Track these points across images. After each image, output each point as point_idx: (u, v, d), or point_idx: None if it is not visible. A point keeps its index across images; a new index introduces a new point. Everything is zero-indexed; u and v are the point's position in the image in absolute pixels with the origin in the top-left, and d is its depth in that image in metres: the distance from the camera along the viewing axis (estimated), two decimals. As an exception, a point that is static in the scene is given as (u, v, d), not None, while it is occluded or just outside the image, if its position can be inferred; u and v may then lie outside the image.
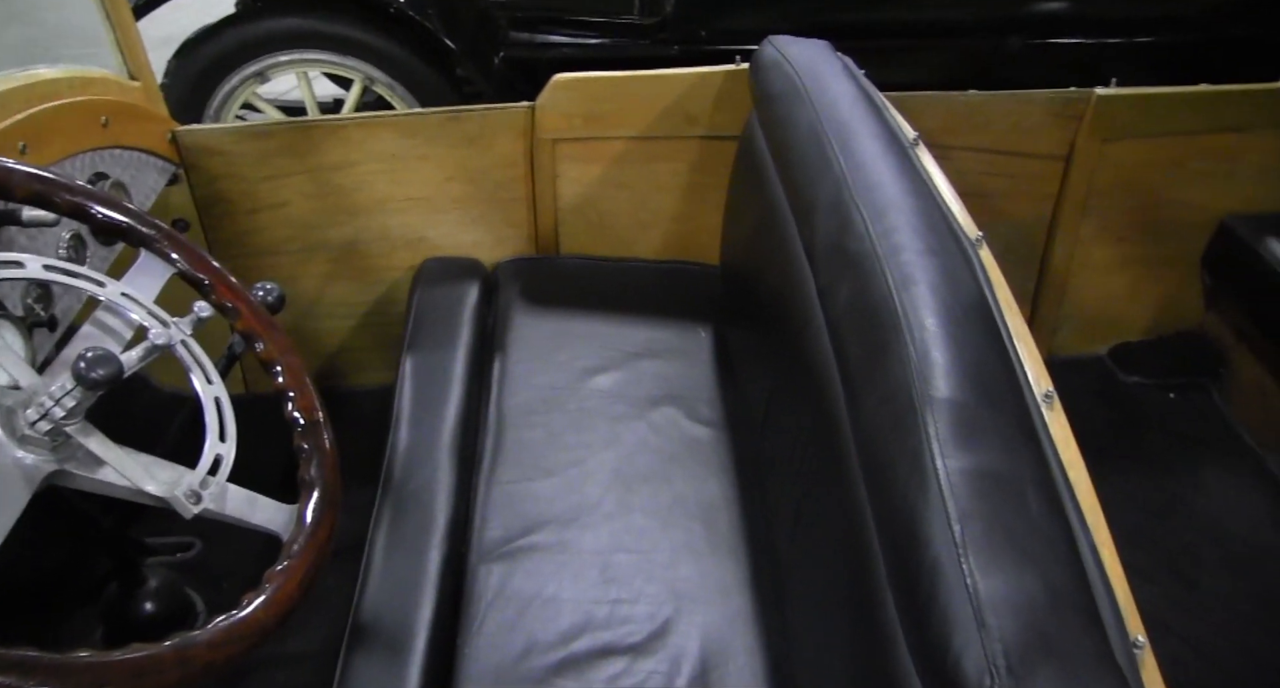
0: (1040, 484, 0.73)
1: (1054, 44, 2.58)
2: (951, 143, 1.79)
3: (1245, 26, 2.50)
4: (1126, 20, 2.55)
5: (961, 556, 0.66)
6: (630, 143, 1.76)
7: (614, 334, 1.60)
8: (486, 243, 1.82)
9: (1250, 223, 1.78)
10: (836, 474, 0.91)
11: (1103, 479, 1.74)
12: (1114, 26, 2.57)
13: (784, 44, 1.50)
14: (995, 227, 1.91)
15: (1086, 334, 2.02)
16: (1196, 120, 1.74)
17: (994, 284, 0.99)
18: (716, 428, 1.42)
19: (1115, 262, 1.93)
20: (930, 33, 2.57)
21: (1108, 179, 1.82)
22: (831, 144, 1.16)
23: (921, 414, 0.77)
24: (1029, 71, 2.37)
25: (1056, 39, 2.57)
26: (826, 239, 1.06)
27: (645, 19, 2.56)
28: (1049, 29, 2.57)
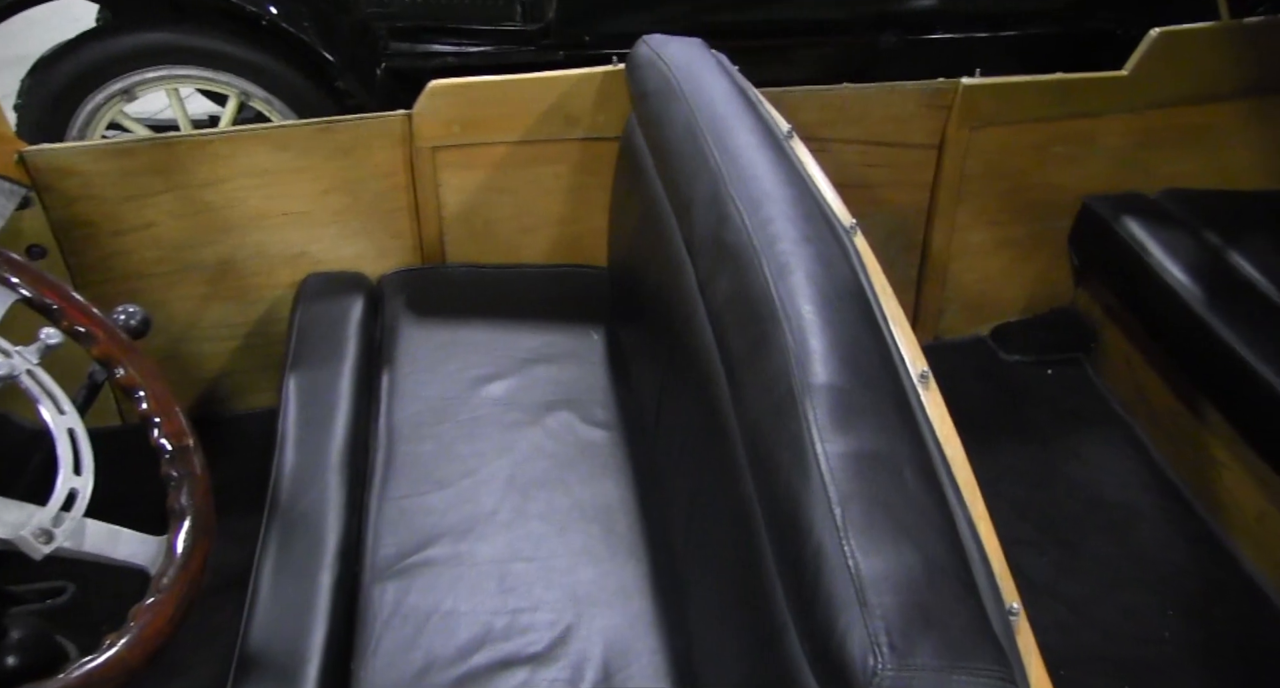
0: (917, 462, 0.75)
1: (927, 40, 2.66)
2: (830, 136, 1.83)
3: (1097, 21, 2.64)
4: (992, 15, 2.66)
5: (843, 538, 0.67)
6: (511, 147, 1.74)
7: (504, 341, 1.57)
8: (370, 255, 1.77)
9: (1108, 203, 1.88)
10: (725, 467, 0.92)
11: (989, 455, 1.82)
12: (981, 21, 2.67)
13: (658, 43, 1.50)
14: (877, 216, 1.97)
15: (969, 316, 2.09)
16: (1054, 107, 1.82)
17: (869, 270, 1.01)
18: (612, 430, 1.41)
19: (990, 245, 2.01)
20: (810, 31, 2.62)
21: (978, 165, 1.89)
22: (707, 139, 1.17)
23: (801, 401, 0.78)
24: (905, 67, 2.44)
25: (929, 35, 2.66)
26: (705, 233, 1.07)
27: (528, 25, 2.54)
28: (922, 25, 2.65)
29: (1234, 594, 1.50)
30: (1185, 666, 1.38)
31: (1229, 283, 1.62)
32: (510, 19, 2.55)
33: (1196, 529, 1.61)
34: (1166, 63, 1.78)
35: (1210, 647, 1.41)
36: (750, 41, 2.55)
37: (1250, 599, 1.49)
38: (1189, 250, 1.71)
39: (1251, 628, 1.44)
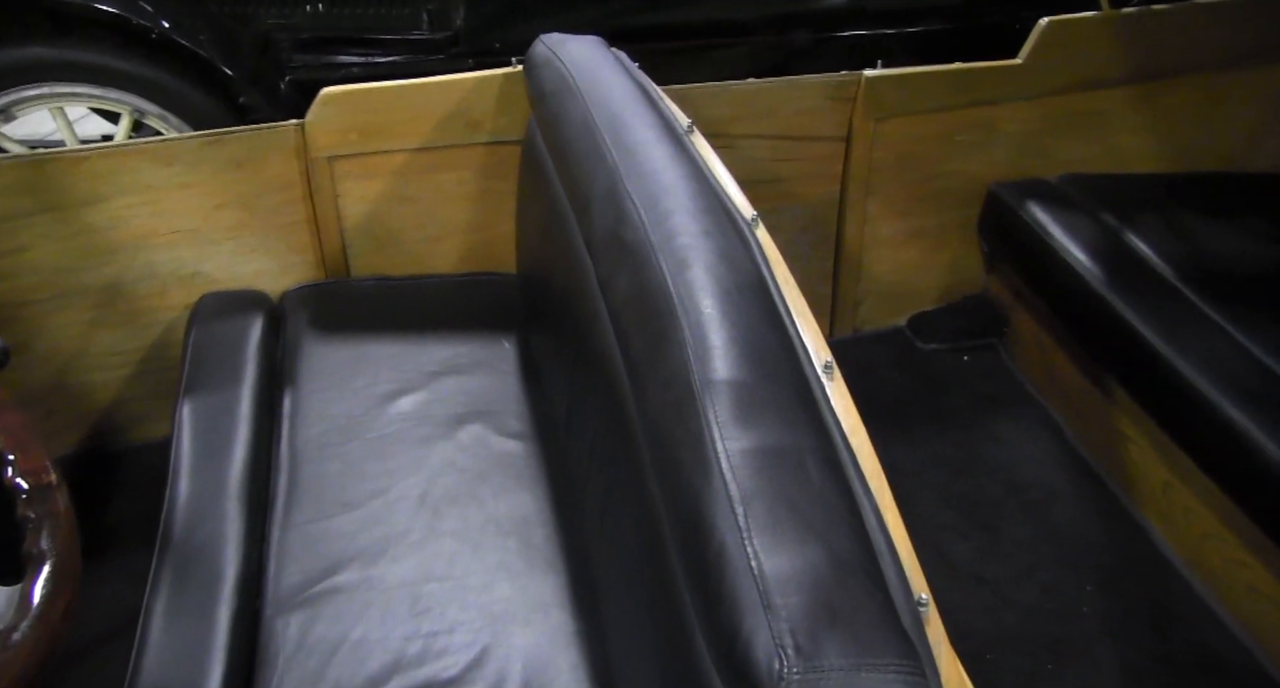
0: (822, 455, 0.74)
1: (836, 37, 2.70)
2: (738, 132, 1.83)
3: (995, 16, 2.71)
4: (898, 12, 2.71)
5: (746, 538, 0.65)
6: (412, 155, 1.69)
7: (413, 355, 1.53)
8: (270, 272, 1.70)
9: (1012, 189, 1.91)
10: (630, 471, 0.89)
11: (911, 444, 1.83)
12: (888, 18, 2.72)
13: (556, 42, 1.48)
14: (789, 210, 1.98)
15: (886, 307, 2.12)
16: (955, 96, 1.85)
17: (771, 262, 1.00)
18: (527, 440, 1.38)
19: (902, 235, 2.03)
20: (721, 32, 2.63)
21: (885, 156, 1.91)
22: (604, 136, 1.15)
23: (701, 398, 0.76)
24: (816, 65, 2.47)
25: (838, 33, 2.70)
26: (604, 231, 1.04)
27: (436, 33, 2.49)
28: (832, 23, 2.69)
29: (1144, 566, 1.54)
30: (1103, 639, 1.41)
31: (1126, 263, 1.66)
32: (417, 27, 2.49)
33: (1108, 505, 1.65)
34: (1056, 51, 1.82)
35: (1125, 619, 1.45)
36: (662, 44, 2.54)
37: (1159, 569, 1.53)
38: (1089, 233, 1.76)
39: (1161, 597, 1.48)
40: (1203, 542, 1.49)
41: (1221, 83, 1.97)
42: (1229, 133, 2.04)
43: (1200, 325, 1.50)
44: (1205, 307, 1.54)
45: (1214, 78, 1.96)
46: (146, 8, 2.21)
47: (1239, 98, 2.00)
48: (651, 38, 2.53)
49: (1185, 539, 1.53)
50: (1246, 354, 1.43)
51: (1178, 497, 1.53)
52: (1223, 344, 1.45)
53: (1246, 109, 2.02)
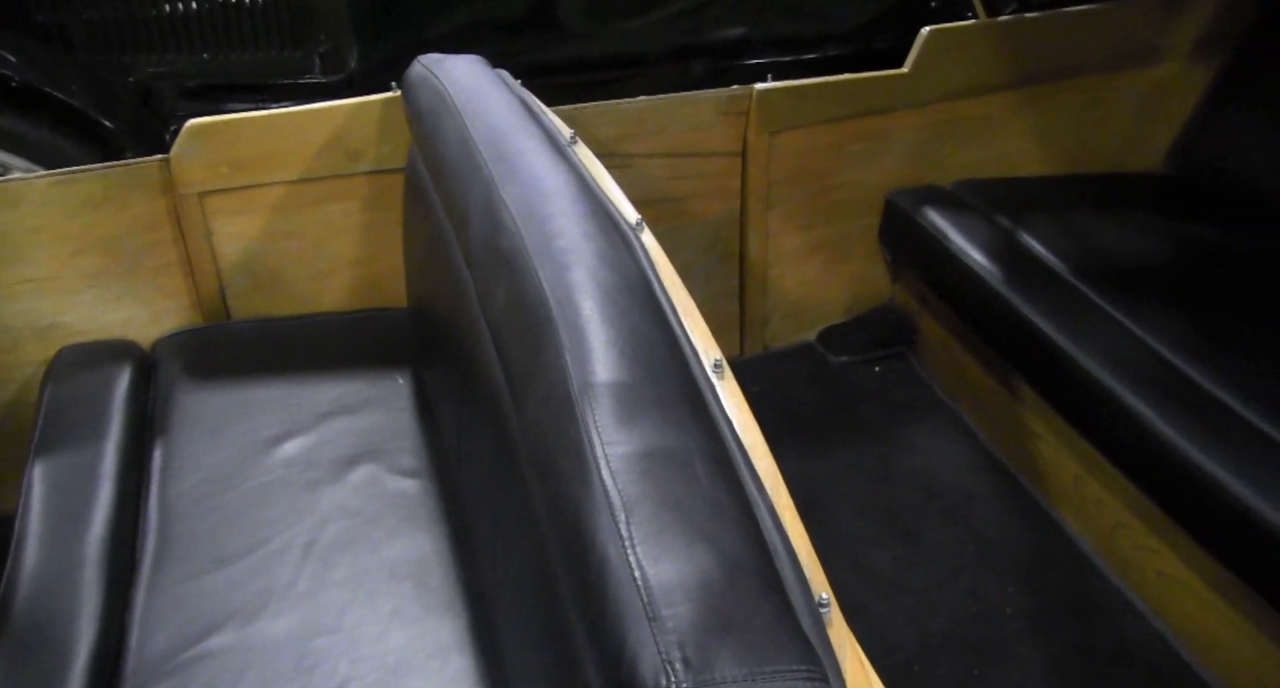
0: (711, 455, 0.71)
1: (734, 66, 2.75)
2: (631, 151, 1.83)
3: (882, 40, 2.81)
4: (792, 40, 2.78)
5: (628, 547, 0.61)
6: (292, 187, 1.64)
7: (299, 397, 1.46)
8: (140, 319, 1.61)
9: (909, 196, 1.95)
10: (518, 494, 0.85)
11: (827, 456, 1.83)
12: (782, 46, 2.79)
13: (433, 61, 1.45)
14: (691, 228, 1.98)
15: (795, 322, 2.13)
16: (846, 106, 1.89)
17: (657, 265, 0.98)
18: (423, 477, 1.32)
19: (805, 249, 2.05)
20: (622, 64, 2.66)
21: (782, 170, 1.93)
22: (480, 149, 1.12)
23: (580, 403, 0.73)
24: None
25: (736, 61, 2.75)
26: (481, 243, 1.01)
27: (330, 76, 2.44)
28: (729, 52, 2.74)
29: (1062, 560, 1.56)
30: (1026, 637, 1.42)
31: (1023, 262, 1.71)
32: (309, 71, 2.44)
33: (1025, 503, 1.67)
34: (940, 59, 1.88)
35: (1047, 615, 1.46)
36: (564, 78, 2.56)
37: (1076, 563, 1.55)
38: (985, 236, 1.80)
39: (1080, 590, 1.50)
40: (1114, 532, 1.51)
41: (1099, 86, 2.06)
42: (1110, 134, 2.13)
43: (1095, 318, 1.54)
44: (1099, 300, 1.58)
45: (1092, 81, 2.05)
46: (7, 56, 2.11)
47: (1117, 100, 2.09)
48: (550, 72, 2.54)
49: (1098, 531, 1.56)
50: (1140, 343, 1.47)
51: (1088, 489, 1.56)
52: (1117, 335, 1.49)
53: (1125, 110, 2.11)
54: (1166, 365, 1.42)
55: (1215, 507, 1.22)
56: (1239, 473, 1.21)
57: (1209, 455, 1.25)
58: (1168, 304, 1.56)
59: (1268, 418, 1.30)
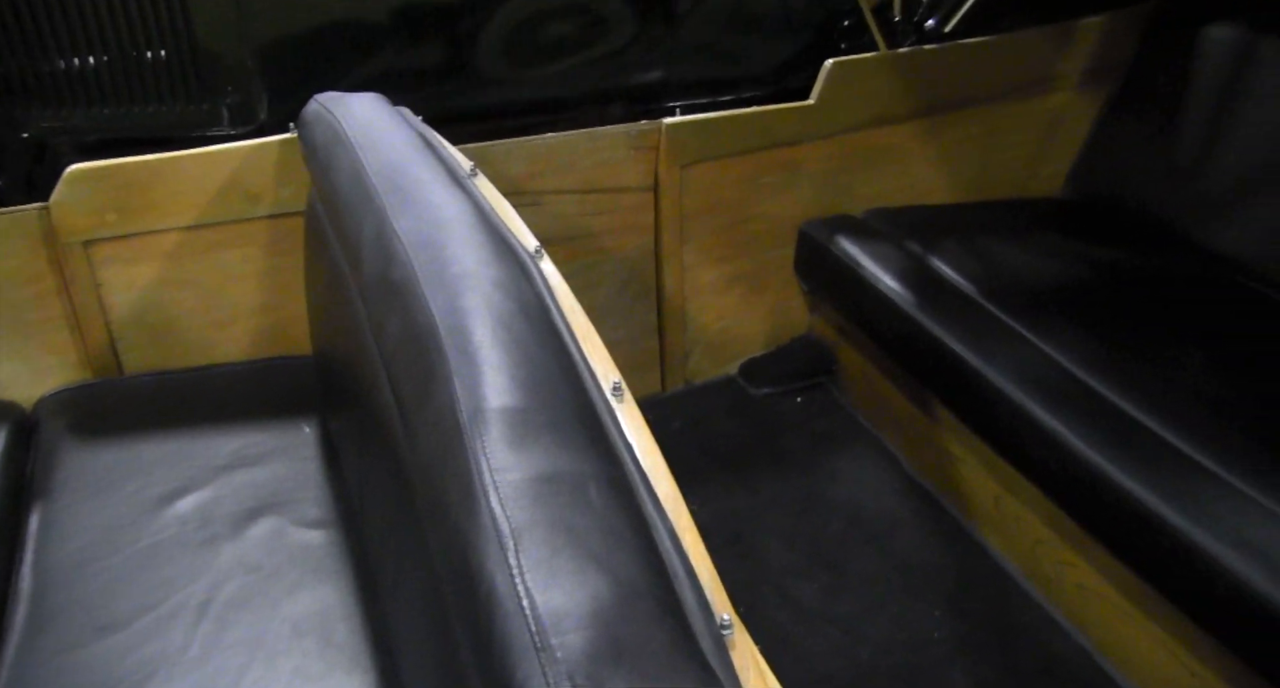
0: (607, 479, 0.70)
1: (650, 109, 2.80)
2: (540, 188, 1.83)
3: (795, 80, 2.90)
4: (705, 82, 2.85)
5: (516, 576, 0.60)
6: (186, 233, 1.59)
7: (196, 451, 1.40)
8: (21, 378, 1.54)
9: (821, 226, 1.99)
10: (415, 534, 0.82)
11: (751, 489, 1.83)
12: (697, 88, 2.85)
13: (329, 98, 1.44)
14: (607, 265, 1.98)
15: (715, 357, 2.14)
16: (755, 138, 1.93)
17: (557, 292, 0.98)
18: (329, 527, 1.28)
19: (723, 282, 2.07)
20: (541, 109, 2.68)
21: (695, 203, 1.95)
22: (372, 181, 1.10)
23: (468, 430, 0.71)
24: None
25: (652, 105, 2.80)
26: (373, 276, 0.99)
27: (238, 128, 2.39)
28: (646, 96, 2.79)
29: (986, 581, 1.58)
30: (954, 661, 1.42)
31: (934, 286, 1.75)
32: (217, 124, 2.39)
33: (948, 527, 1.69)
34: (844, 90, 1.94)
35: (974, 638, 1.47)
36: (483, 125, 2.57)
37: (1000, 583, 1.57)
38: (897, 262, 1.84)
39: (1004, 609, 1.52)
40: (1034, 549, 1.54)
41: (997, 115, 2.15)
42: (1012, 161, 2.22)
43: (1005, 337, 1.58)
44: (1008, 319, 1.63)
45: (990, 111, 2.13)
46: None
47: (1015, 128, 2.18)
48: (473, 119, 2.54)
49: (1019, 549, 1.58)
50: (1048, 359, 1.51)
51: (1008, 508, 1.58)
52: (1026, 352, 1.53)
53: (1024, 138, 2.20)
54: (1074, 380, 1.46)
55: (1125, 516, 1.25)
56: (1145, 481, 1.24)
57: (1117, 466, 1.28)
58: (1072, 321, 1.61)
59: (1169, 427, 1.34)
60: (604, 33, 3.60)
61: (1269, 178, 1.80)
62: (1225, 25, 1.93)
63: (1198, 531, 1.17)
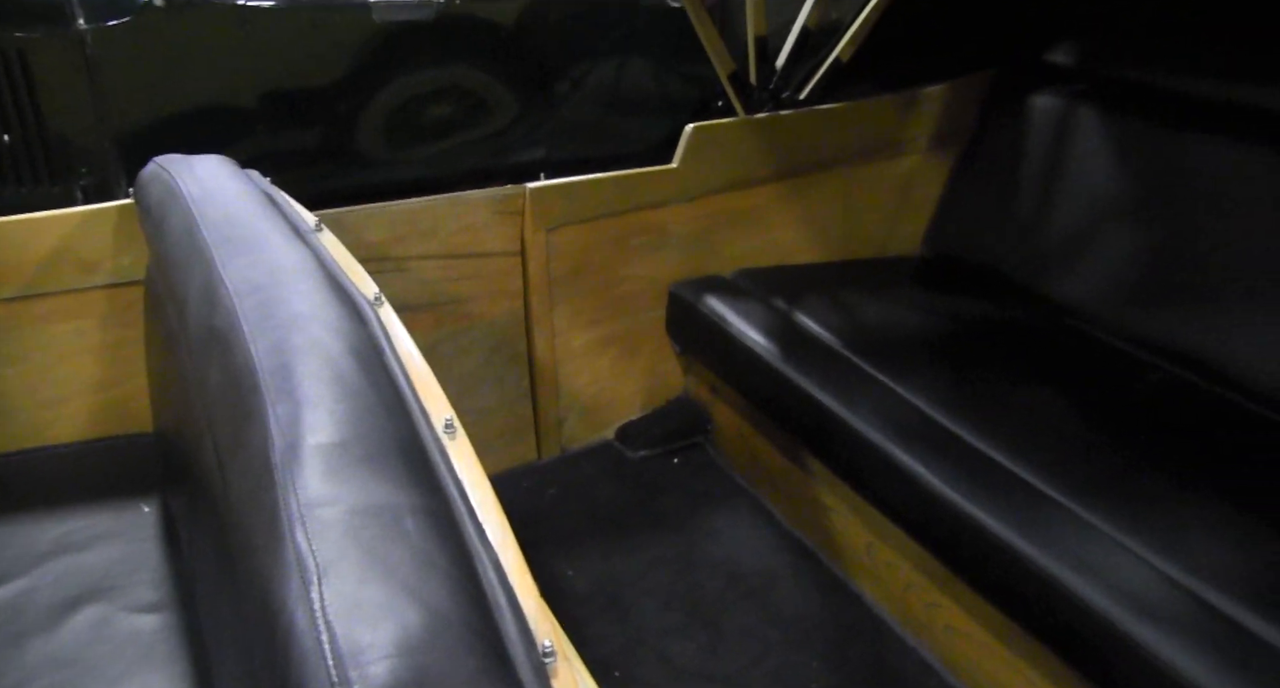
0: (426, 511, 0.68)
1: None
2: (406, 253, 1.82)
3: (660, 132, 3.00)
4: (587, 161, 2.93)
5: (319, 613, 0.57)
6: (12, 305, 1.50)
7: (14, 539, 1.30)
8: None
9: (690, 287, 2.04)
10: (233, 597, 0.78)
11: (631, 553, 1.81)
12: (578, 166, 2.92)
13: (168, 159, 1.40)
14: (476, 330, 1.97)
15: (590, 422, 2.13)
16: (620, 201, 1.97)
17: (394, 337, 0.96)
18: (164, 610, 1.19)
19: (595, 345, 2.08)
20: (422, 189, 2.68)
21: (564, 266, 1.97)
22: (204, 234, 1.07)
23: (280, 468, 0.69)
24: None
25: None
26: (198, 326, 0.96)
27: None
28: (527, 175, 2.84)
29: (862, 629, 1.59)
30: (832, 713, 1.42)
31: (800, 341, 1.80)
32: (71, 203, 2.31)
33: (824, 579, 1.70)
34: (705, 154, 2.01)
35: (851, 686, 1.47)
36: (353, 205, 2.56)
37: (875, 630, 1.59)
38: (764, 320, 1.89)
39: (880, 656, 1.53)
40: (906, 593, 1.56)
41: (854, 177, 2.26)
42: (871, 222, 2.33)
43: (868, 386, 1.63)
44: (870, 369, 1.68)
45: (847, 173, 2.25)
46: None
47: (872, 191, 2.30)
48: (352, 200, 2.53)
49: (891, 595, 1.61)
50: (907, 404, 1.57)
51: (880, 555, 1.61)
52: (888, 399, 1.59)
53: (881, 200, 2.33)
54: (931, 423, 1.52)
55: (982, 550, 1.29)
56: (997, 513, 1.29)
57: (971, 500, 1.32)
58: (929, 369, 1.68)
59: (1018, 461, 1.41)
60: (484, 114, 3.68)
61: (1092, 233, 1.95)
62: (1051, 95, 2.10)
63: (1045, 558, 1.22)
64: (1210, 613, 1.14)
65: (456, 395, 2.00)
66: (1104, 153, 1.99)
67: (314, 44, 3.12)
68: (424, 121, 3.57)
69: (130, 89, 2.51)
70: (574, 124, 3.76)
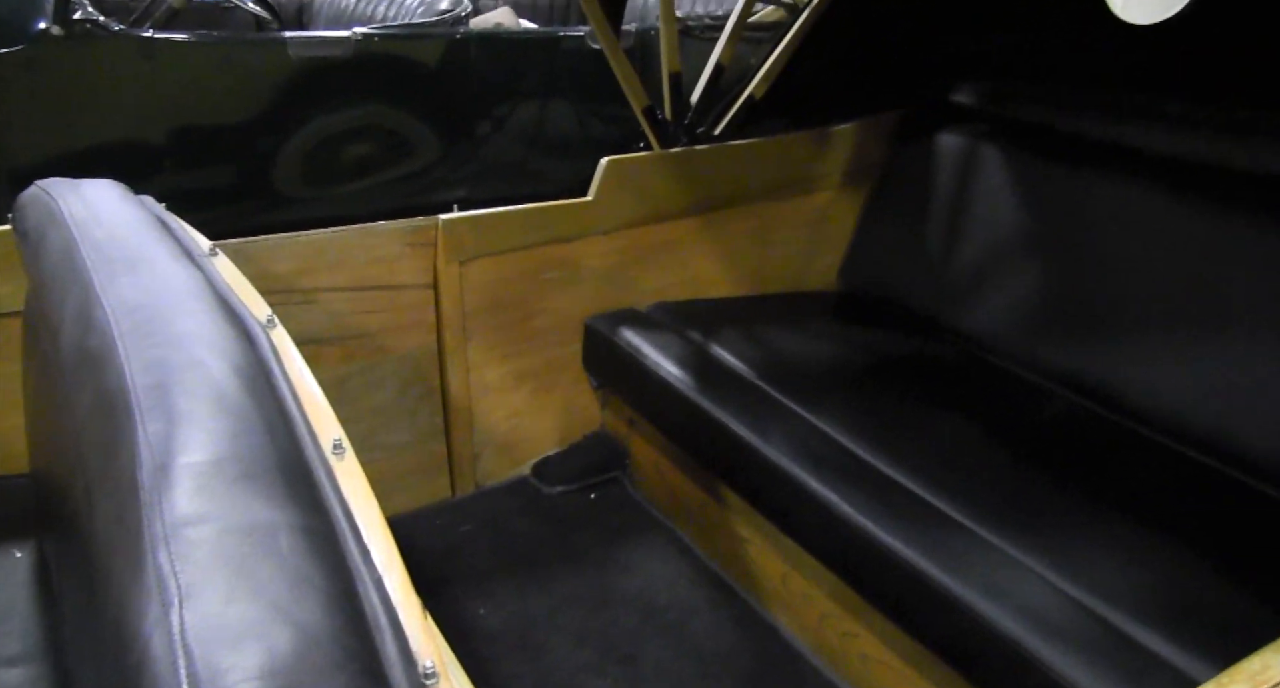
0: (304, 530, 0.66)
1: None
2: (315, 285, 1.78)
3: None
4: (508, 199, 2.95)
5: (177, 636, 0.54)
6: None
7: None
8: None
9: (606, 321, 2.04)
10: (98, 640, 0.73)
11: (545, 590, 1.78)
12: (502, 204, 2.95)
13: (51, 182, 1.35)
14: (387, 364, 1.93)
15: (506, 458, 2.10)
16: (534, 234, 1.96)
17: (283, 358, 0.93)
18: (33, 661, 1.12)
19: (510, 380, 2.06)
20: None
21: (478, 300, 1.95)
22: (84, 256, 1.03)
23: (147, 488, 0.66)
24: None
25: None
26: (71, 350, 0.91)
27: None
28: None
29: (779, 661, 1.58)
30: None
31: (713, 372, 1.81)
32: None
33: (741, 611, 1.69)
34: (620, 187, 2.03)
35: None
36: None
37: (791, 661, 1.58)
38: (679, 352, 1.90)
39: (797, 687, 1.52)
40: (821, 624, 1.56)
41: (769, 212, 2.30)
42: (786, 256, 2.37)
43: (780, 415, 1.64)
44: (783, 398, 1.70)
45: (762, 208, 2.29)
46: None
47: (787, 225, 2.35)
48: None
49: (807, 625, 1.60)
50: (820, 433, 1.58)
51: (795, 585, 1.61)
52: (800, 427, 1.60)
53: (796, 234, 2.37)
54: (843, 451, 1.53)
55: (893, 576, 1.30)
56: (907, 539, 1.30)
57: (882, 527, 1.33)
58: (843, 399, 1.70)
59: (928, 487, 1.43)
60: (405, 152, 3.67)
61: (997, 267, 2.02)
62: (956, 134, 2.18)
63: (954, 582, 1.23)
64: (1109, 631, 1.17)
65: (367, 431, 1.97)
66: (1006, 189, 2.06)
67: (227, 78, 3.07)
68: (342, 159, 3.55)
69: (23, 121, 2.43)
70: (495, 163, 3.79)
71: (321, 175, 3.36)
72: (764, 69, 2.17)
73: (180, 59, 2.95)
